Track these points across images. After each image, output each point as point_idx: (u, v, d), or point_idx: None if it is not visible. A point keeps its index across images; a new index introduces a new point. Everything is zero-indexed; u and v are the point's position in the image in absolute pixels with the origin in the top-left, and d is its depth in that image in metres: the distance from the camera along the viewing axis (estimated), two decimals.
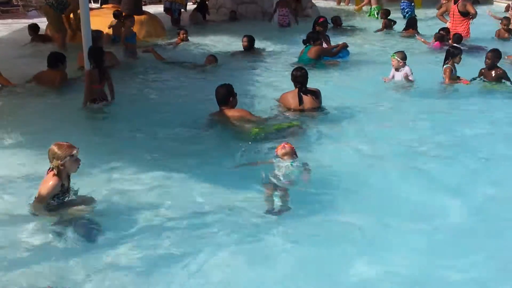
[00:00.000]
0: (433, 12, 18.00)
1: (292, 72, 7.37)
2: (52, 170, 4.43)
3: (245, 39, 11.45)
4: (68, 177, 4.57)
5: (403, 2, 16.55)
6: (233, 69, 10.12)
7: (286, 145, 5.14)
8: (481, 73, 8.65)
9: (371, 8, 17.41)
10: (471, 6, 12.80)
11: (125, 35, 11.07)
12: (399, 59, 8.71)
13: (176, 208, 4.78)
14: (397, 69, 8.75)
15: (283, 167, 5.04)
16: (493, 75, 8.46)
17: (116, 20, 12.37)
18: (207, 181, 5.26)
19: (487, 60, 8.52)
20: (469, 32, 12.66)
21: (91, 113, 7.36)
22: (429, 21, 15.18)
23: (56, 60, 8.75)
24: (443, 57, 8.87)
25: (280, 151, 5.13)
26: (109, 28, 12.26)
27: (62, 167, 4.41)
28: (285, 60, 10.83)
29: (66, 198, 4.54)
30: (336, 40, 11.73)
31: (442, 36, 12.01)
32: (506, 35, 13.13)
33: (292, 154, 5.12)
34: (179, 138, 6.45)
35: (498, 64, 8.55)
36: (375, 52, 11.67)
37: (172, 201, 4.89)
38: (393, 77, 8.80)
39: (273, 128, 6.45)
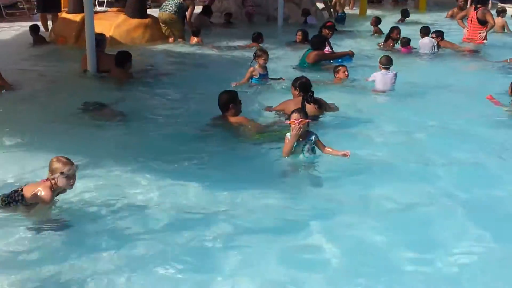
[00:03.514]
0: (438, 16, 18.10)
1: (295, 79, 7.31)
2: (47, 180, 4.44)
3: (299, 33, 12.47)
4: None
5: None
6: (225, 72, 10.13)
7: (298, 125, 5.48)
8: None
9: None
10: (491, 16, 12.79)
11: None
12: (379, 63, 8.73)
13: (174, 211, 4.75)
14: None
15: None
16: None
17: None
18: (202, 184, 5.23)
19: None
20: (485, 39, 12.62)
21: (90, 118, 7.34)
22: (436, 26, 15.09)
23: (123, 59, 9.03)
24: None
25: (293, 131, 5.53)
26: None
27: (53, 181, 4.40)
28: (286, 63, 10.76)
29: None
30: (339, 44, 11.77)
31: (408, 40, 11.97)
32: None
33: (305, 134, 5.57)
34: (178, 140, 6.44)
35: None
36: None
37: (171, 204, 4.86)
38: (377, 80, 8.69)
39: (274, 135, 6.39)
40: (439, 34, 12.14)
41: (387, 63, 8.65)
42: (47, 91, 8.54)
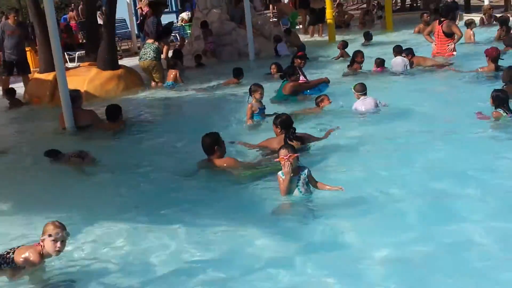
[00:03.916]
0: (406, 33, 18.37)
1: (276, 117, 7.22)
2: (38, 244, 4.38)
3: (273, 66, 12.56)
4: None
5: None
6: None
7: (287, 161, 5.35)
8: None
9: None
10: (457, 27, 12.97)
11: None
12: (354, 91, 8.78)
13: (165, 258, 4.71)
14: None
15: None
16: None
17: None
18: (192, 229, 5.20)
19: None
20: (454, 51, 12.76)
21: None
22: (406, 43, 15.27)
23: (116, 112, 9.13)
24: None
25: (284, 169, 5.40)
26: None
27: (42, 244, 4.33)
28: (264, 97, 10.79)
29: None
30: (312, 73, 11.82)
31: (383, 61, 12.11)
32: None
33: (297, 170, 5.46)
34: (166, 186, 6.40)
35: None
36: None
37: (162, 251, 4.81)
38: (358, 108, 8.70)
39: (262, 171, 6.35)
40: (409, 52, 12.25)
41: (362, 89, 8.72)
42: (30, 152, 8.46)
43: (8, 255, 4.39)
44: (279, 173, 5.54)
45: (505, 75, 8.70)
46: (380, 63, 12.09)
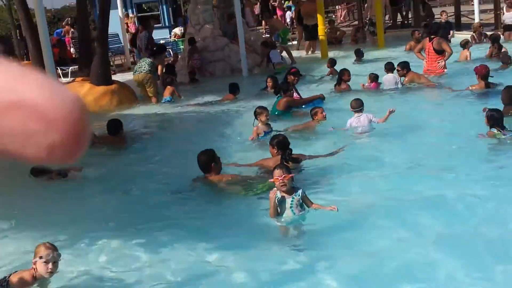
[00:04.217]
0: (397, 50, 18.49)
1: (272, 138, 7.18)
2: (32, 268, 4.36)
3: (269, 79, 12.34)
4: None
5: None
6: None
7: (283, 184, 5.27)
8: None
9: None
10: (447, 44, 13.06)
11: None
12: (351, 108, 8.75)
13: (160, 276, 4.67)
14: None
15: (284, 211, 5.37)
16: None
17: None
18: (189, 248, 5.17)
19: None
20: (444, 68, 12.86)
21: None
22: (399, 59, 15.34)
23: (117, 127, 9.21)
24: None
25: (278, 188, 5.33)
26: None
27: (34, 267, 4.32)
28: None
29: None
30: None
31: (377, 76, 12.14)
32: None
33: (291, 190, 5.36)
34: (160, 206, 6.36)
35: None
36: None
37: (156, 270, 4.79)
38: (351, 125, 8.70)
39: (259, 189, 6.33)
40: (404, 66, 12.13)
41: (357, 106, 8.71)
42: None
43: (3, 281, 4.38)
44: (272, 193, 5.38)
45: (504, 97, 8.48)
46: (374, 78, 12.06)
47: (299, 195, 5.39)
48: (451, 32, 18.94)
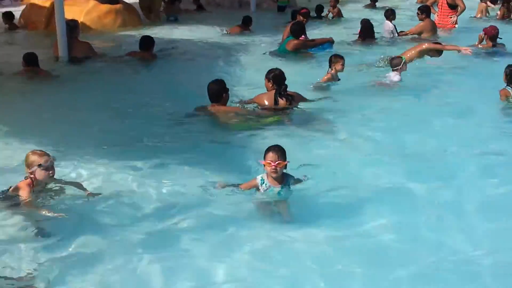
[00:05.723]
0: (412, 3, 18.14)
1: (268, 71, 6.83)
2: (26, 178, 4.36)
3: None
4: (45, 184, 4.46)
5: None
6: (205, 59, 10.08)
7: (274, 170, 4.35)
8: None
9: None
10: (461, 0, 12.76)
11: None
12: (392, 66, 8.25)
13: (155, 197, 4.67)
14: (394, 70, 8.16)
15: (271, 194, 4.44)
16: None
17: None
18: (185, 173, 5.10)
19: None
20: (455, 24, 12.62)
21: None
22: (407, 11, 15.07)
23: (149, 43, 9.51)
24: None
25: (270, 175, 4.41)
26: None
27: (32, 176, 4.33)
28: (263, 49, 10.69)
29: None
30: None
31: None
32: None
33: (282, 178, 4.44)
34: (166, 132, 6.23)
35: None
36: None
37: (154, 191, 4.76)
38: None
39: (260, 122, 6.23)
40: (424, 10, 11.84)
41: (396, 64, 8.17)
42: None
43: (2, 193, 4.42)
44: (259, 176, 4.52)
45: None
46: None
47: (289, 185, 4.50)
48: None
